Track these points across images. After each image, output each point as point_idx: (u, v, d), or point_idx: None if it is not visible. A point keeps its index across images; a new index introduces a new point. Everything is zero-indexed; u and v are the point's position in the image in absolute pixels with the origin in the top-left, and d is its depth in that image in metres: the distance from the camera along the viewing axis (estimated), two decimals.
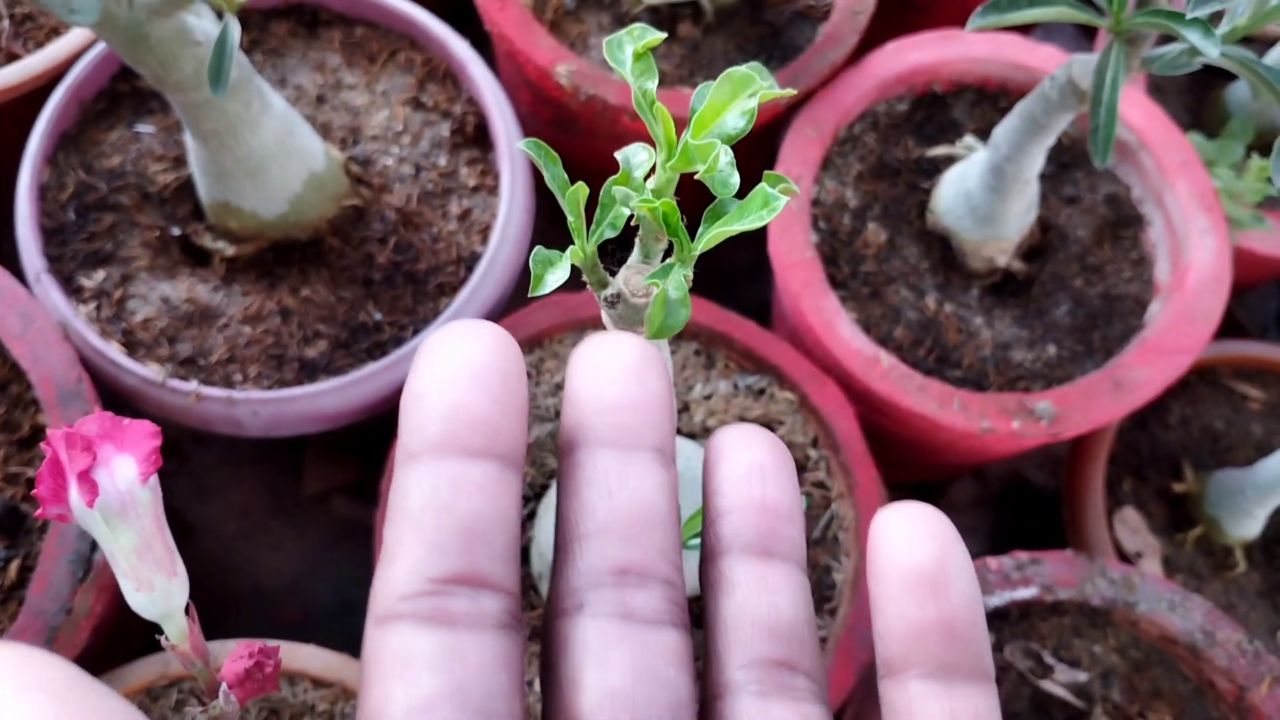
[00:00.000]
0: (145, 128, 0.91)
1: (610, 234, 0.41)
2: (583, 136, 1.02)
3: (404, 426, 0.25)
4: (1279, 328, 1.30)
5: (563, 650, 0.26)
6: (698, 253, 0.41)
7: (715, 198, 0.37)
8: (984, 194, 0.87)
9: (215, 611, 1.11)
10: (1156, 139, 0.96)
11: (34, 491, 0.36)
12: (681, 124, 0.37)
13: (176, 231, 0.88)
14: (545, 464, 0.82)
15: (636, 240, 0.43)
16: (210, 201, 0.84)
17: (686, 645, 0.27)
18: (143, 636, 0.86)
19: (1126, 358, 0.88)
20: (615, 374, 0.28)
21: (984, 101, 1.01)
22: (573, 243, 0.40)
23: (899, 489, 1.15)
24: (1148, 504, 0.97)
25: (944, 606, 0.26)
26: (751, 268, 1.20)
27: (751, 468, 0.29)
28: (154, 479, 0.37)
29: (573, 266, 0.39)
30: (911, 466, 1.05)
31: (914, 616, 0.26)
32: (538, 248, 0.44)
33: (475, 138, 0.94)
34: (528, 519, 0.81)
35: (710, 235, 0.39)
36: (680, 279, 0.41)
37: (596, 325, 0.86)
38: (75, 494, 0.35)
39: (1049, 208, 0.97)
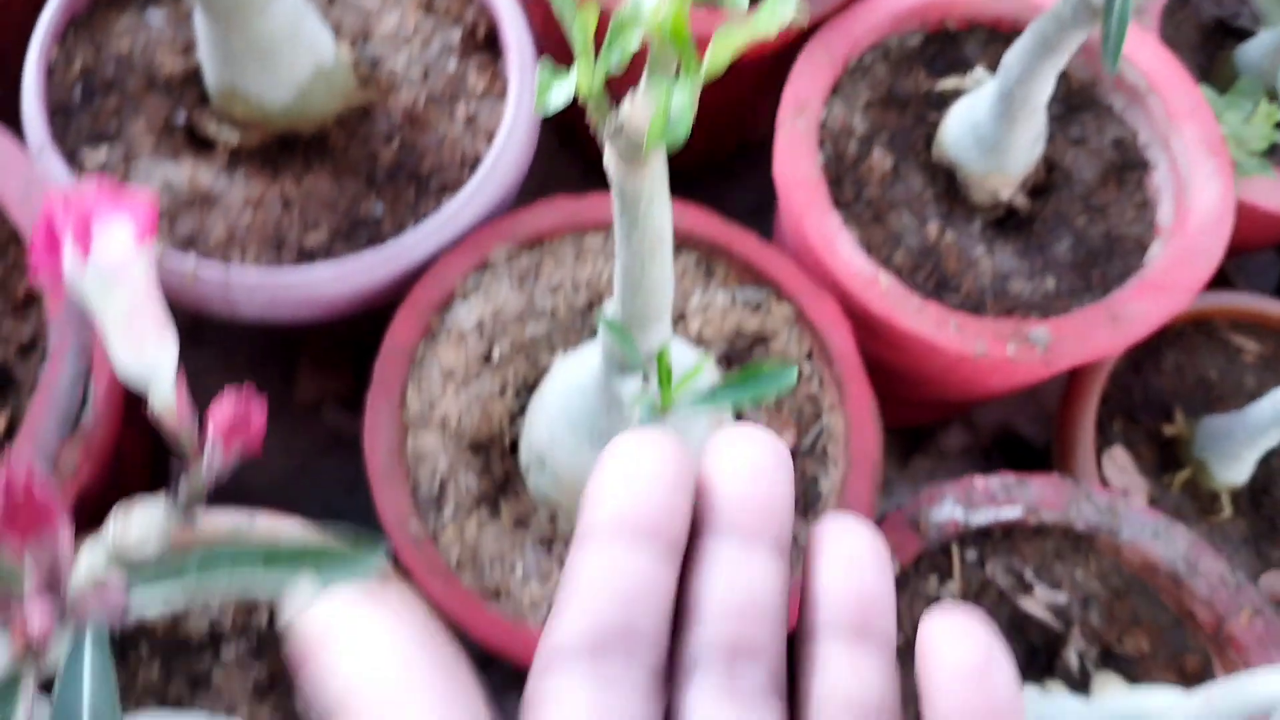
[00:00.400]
0: (155, 15, 0.91)
1: (618, 61, 0.42)
2: None
3: (584, 511, 0.30)
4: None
5: (674, 712, 0.28)
6: (705, 72, 0.41)
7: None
8: (992, 123, 0.87)
9: None
10: (1166, 84, 0.96)
11: (29, 253, 0.36)
12: None
13: (182, 117, 0.88)
14: (539, 360, 0.83)
15: (644, 73, 0.44)
16: (217, 86, 0.84)
17: (785, 713, 0.29)
18: None
19: (1124, 293, 0.88)
20: (750, 469, 0.31)
21: (996, 40, 1.01)
22: (581, 137, 0.40)
23: (890, 434, 1.15)
24: (1137, 445, 0.98)
25: (990, 694, 0.28)
26: (755, 209, 1.20)
27: (851, 560, 0.31)
28: (148, 246, 0.37)
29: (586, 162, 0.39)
30: (902, 403, 1.05)
31: (965, 700, 0.28)
32: (543, 64, 0.44)
33: (485, 44, 0.94)
34: (519, 413, 0.82)
35: (720, 46, 0.39)
36: (687, 89, 0.41)
37: (597, 228, 0.87)
38: (69, 255, 0.35)
39: (1055, 148, 0.97)
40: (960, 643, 0.29)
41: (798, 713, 0.30)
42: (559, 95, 0.44)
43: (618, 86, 0.41)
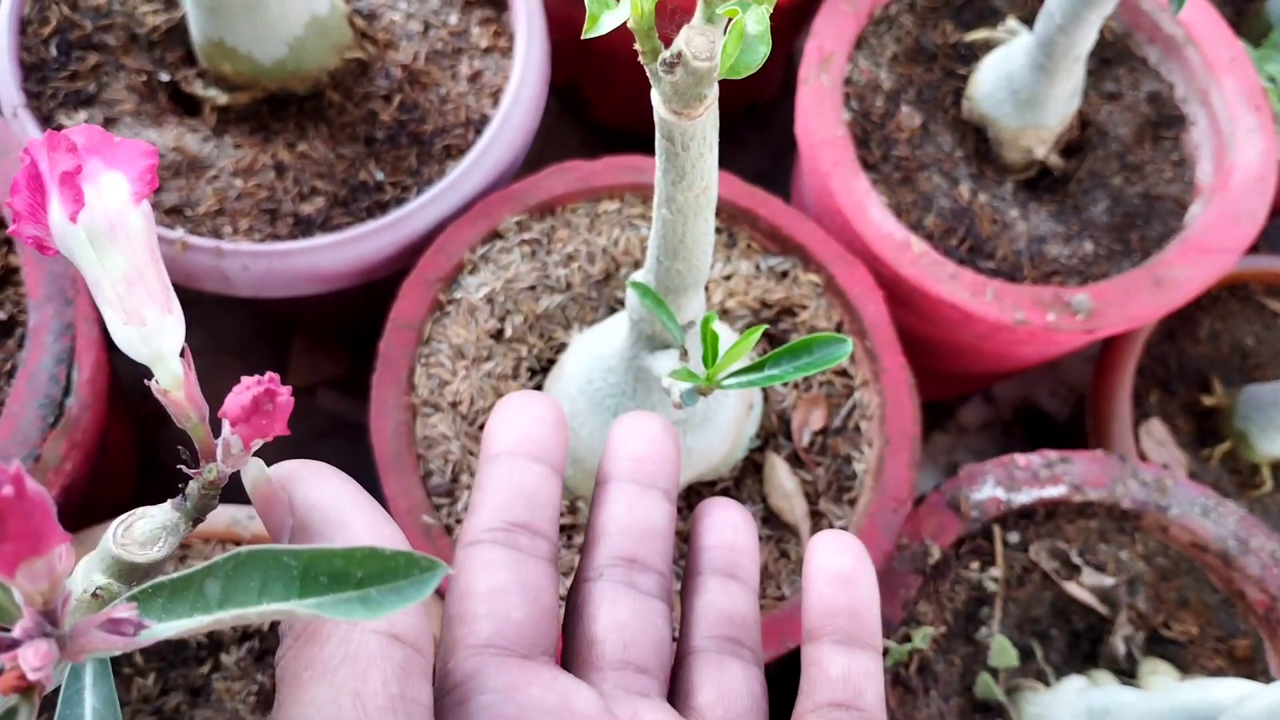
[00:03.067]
0: None
1: None
2: None
3: (485, 441, 0.40)
4: None
5: (585, 600, 0.39)
6: None
7: None
8: (1029, 74, 0.82)
9: None
10: (1204, 35, 0.91)
11: (7, 202, 0.31)
12: None
13: (165, 77, 0.82)
14: (554, 337, 0.77)
15: (699, 4, 0.39)
16: (203, 41, 0.78)
17: (669, 614, 0.40)
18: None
19: (1167, 255, 0.84)
20: (646, 435, 0.43)
21: None
22: (587, 99, 0.35)
23: None
24: (1174, 418, 0.94)
25: (854, 596, 0.39)
26: (762, 175, 1.15)
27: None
28: (148, 204, 0.31)
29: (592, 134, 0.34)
30: (932, 375, 1.00)
31: (833, 599, 0.39)
32: None
33: None
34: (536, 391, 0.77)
35: None
36: (760, 13, 0.36)
37: (612, 194, 0.81)
38: (56, 207, 0.30)
39: (1089, 104, 0.92)
40: (835, 555, 0.40)
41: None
42: (610, 20, 0.39)
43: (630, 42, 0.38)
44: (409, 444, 0.72)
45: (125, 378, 0.88)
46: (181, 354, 0.31)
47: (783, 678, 0.55)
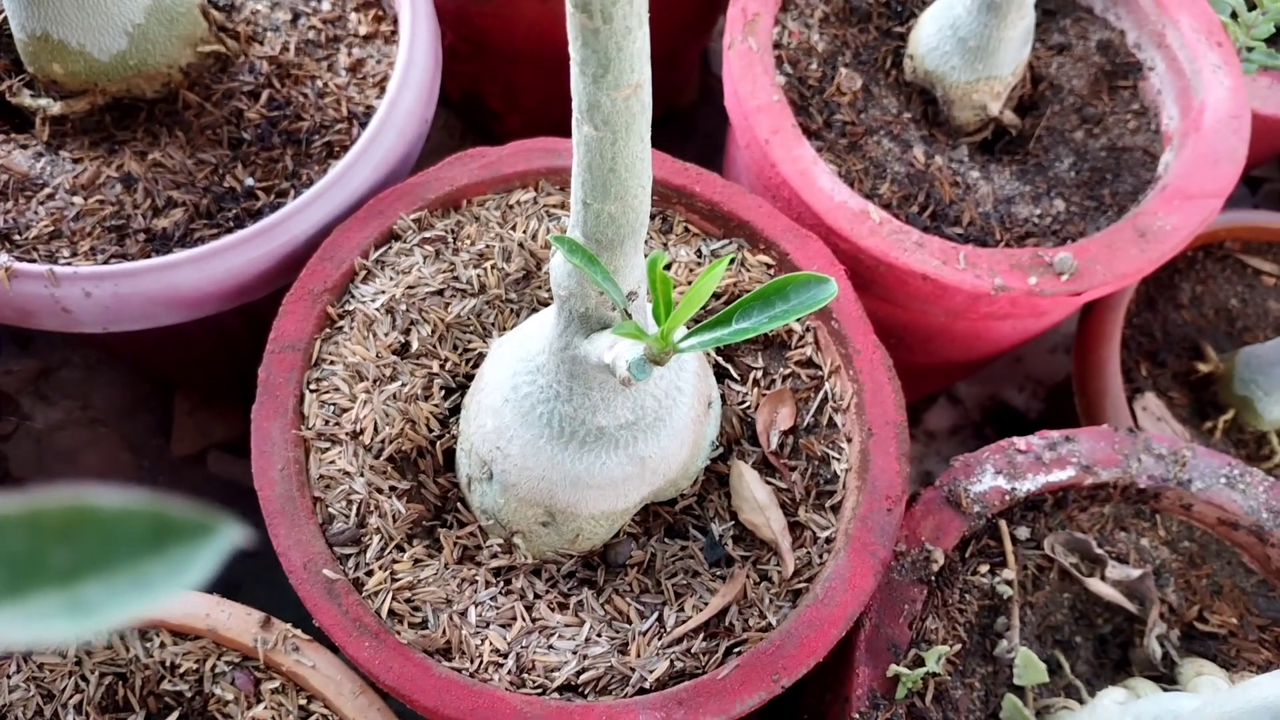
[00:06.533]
0: None
1: None
2: (499, 0, 0.85)
3: None
4: None
5: None
6: None
7: None
8: (977, 17, 0.74)
9: None
10: None
11: None
12: None
13: None
14: (469, 347, 0.66)
15: None
16: (26, 39, 0.66)
17: None
18: None
19: (1148, 206, 0.75)
20: None
21: None
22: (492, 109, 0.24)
23: None
24: (1168, 391, 0.85)
25: None
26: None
27: None
28: None
29: None
30: (896, 371, 0.90)
31: None
32: None
33: None
34: (451, 415, 0.64)
35: None
36: None
37: (525, 182, 0.70)
38: None
39: (1037, 58, 0.84)
40: None
41: None
42: None
43: None
44: (301, 485, 0.59)
45: None
46: None
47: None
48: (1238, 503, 0.68)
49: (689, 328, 0.42)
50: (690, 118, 1.22)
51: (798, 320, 0.70)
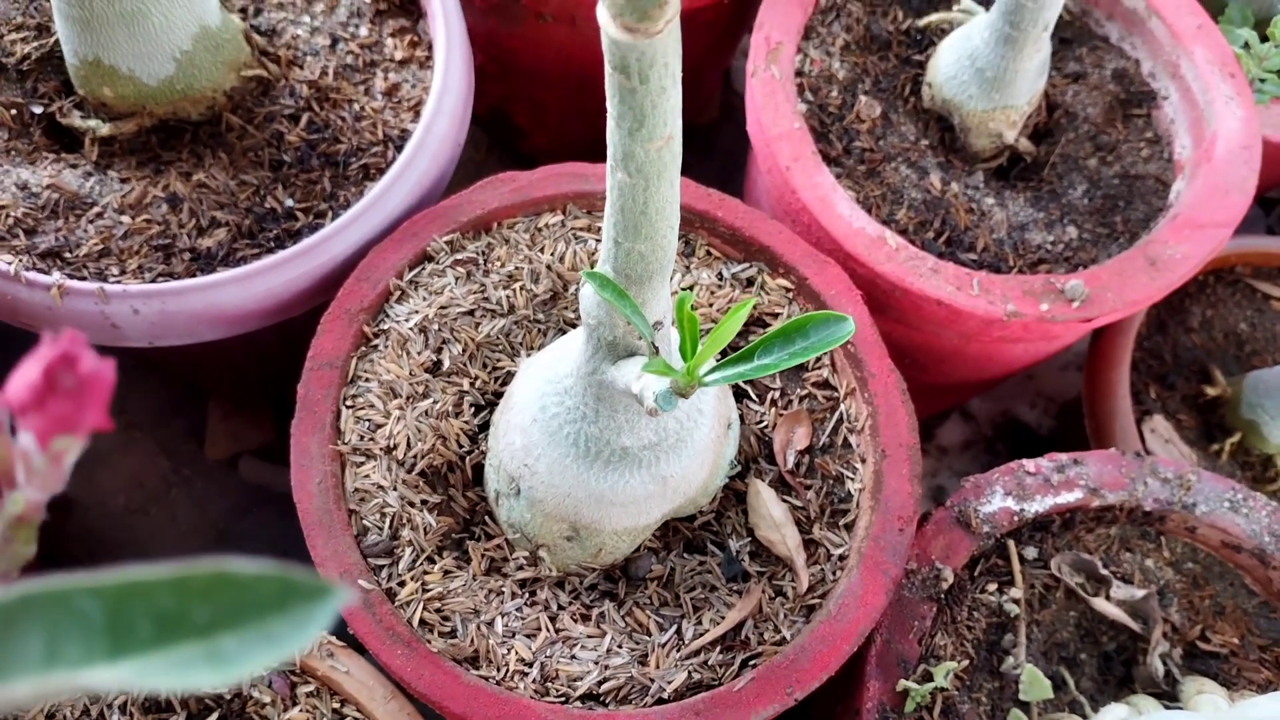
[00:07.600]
0: None
1: None
2: (528, 24, 0.88)
3: None
4: None
5: None
6: None
7: None
8: (994, 48, 0.76)
9: None
10: (1167, 5, 0.86)
11: None
12: None
13: (38, 109, 0.72)
14: (499, 366, 0.68)
15: None
16: (78, 63, 0.69)
17: None
18: None
19: (1159, 234, 0.77)
20: None
21: None
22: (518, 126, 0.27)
23: None
24: (1176, 413, 0.87)
25: None
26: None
27: None
28: None
29: None
30: (910, 389, 0.93)
31: None
32: None
33: (401, 5, 0.80)
34: (480, 432, 0.67)
35: None
36: None
37: (553, 205, 0.73)
38: None
39: (1053, 86, 0.86)
40: None
41: None
42: None
43: None
44: (338, 498, 0.62)
45: None
46: None
47: None
48: (1241, 526, 0.70)
49: (714, 361, 0.45)
50: (711, 135, 1.24)
51: None
